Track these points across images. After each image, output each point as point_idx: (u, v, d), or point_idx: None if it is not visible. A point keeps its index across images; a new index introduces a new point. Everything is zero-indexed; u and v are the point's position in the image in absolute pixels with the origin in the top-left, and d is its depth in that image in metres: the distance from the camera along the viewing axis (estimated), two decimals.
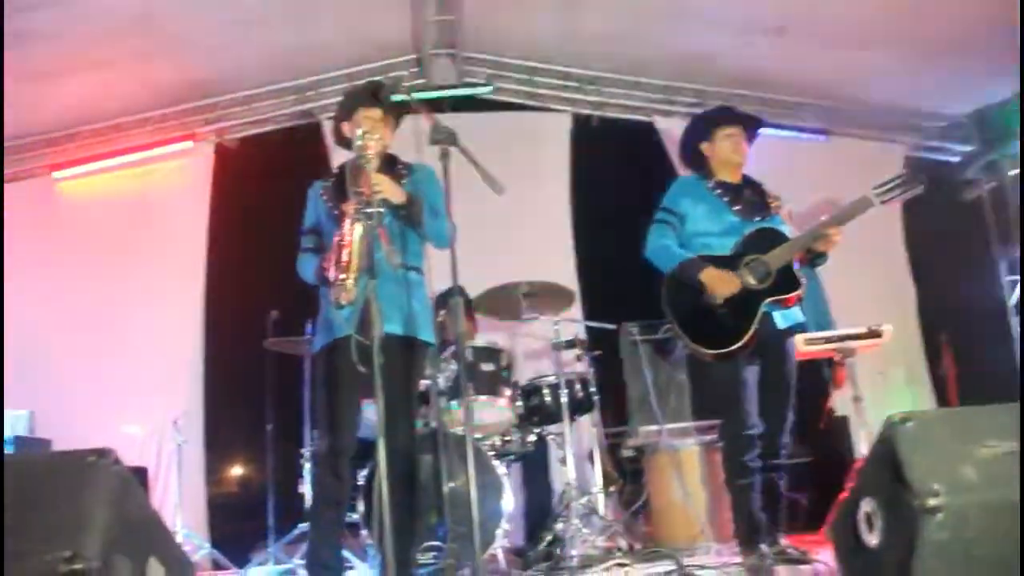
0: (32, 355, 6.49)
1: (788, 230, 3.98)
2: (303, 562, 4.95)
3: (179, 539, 5.23)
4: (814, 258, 3.98)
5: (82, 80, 6.17)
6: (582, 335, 5.65)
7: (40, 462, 2.40)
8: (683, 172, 4.67)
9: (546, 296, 5.04)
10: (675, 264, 3.93)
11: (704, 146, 4.16)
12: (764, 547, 3.68)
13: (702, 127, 4.21)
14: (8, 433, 5.53)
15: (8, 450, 5.27)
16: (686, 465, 5.17)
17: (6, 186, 7.01)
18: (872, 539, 2.22)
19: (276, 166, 6.93)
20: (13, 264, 6.76)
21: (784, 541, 3.82)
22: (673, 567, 2.47)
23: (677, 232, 4.05)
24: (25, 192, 7.01)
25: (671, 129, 6.74)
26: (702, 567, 2.57)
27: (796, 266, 3.88)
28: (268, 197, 6.84)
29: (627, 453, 5.84)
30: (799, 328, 3.97)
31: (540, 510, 5.17)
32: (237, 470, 10.46)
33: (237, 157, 6.99)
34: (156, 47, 5.91)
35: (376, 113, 3.60)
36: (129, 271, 6.67)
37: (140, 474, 5.58)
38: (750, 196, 4.08)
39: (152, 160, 6.90)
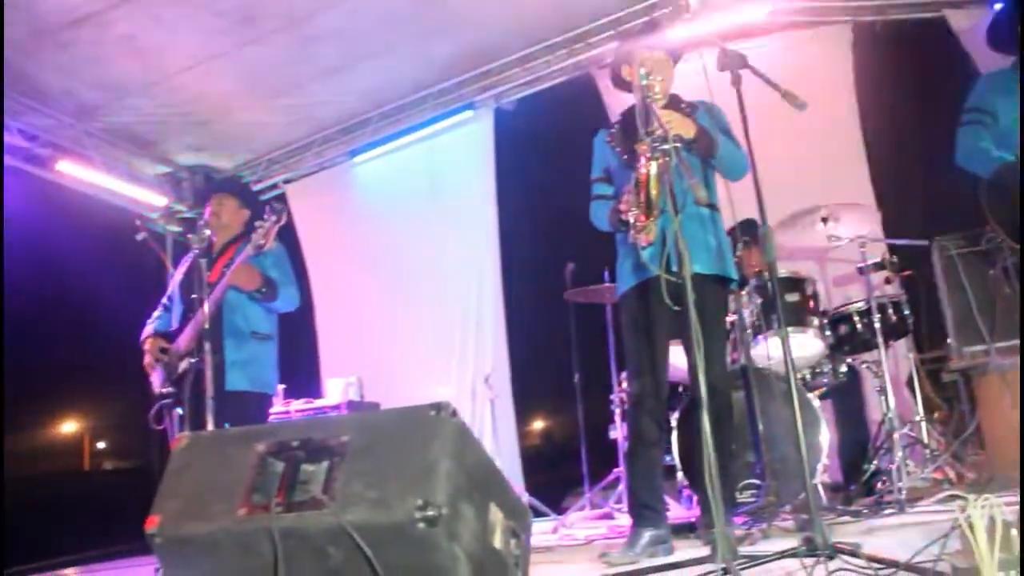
0: (356, 327, 7.15)
1: None
2: (618, 506, 5.09)
3: None
4: None
5: (367, 69, 6.61)
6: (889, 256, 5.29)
7: (388, 418, 2.57)
8: (986, 69, 4.24)
9: (847, 217, 4.77)
10: (995, 168, 3.58)
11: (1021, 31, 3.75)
12: None
13: (1019, 9, 3.79)
14: (341, 398, 6.08)
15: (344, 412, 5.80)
16: None
17: (313, 176, 7.71)
18: None
19: (554, 122, 7.03)
20: (326, 246, 7.42)
21: None
22: None
23: (991, 132, 3.69)
24: (331, 180, 7.69)
25: (967, 23, 6.07)
26: None
27: None
28: (550, 153, 7.02)
29: (949, 377, 5.41)
30: None
31: (856, 443, 4.93)
32: (548, 420, 10.85)
33: (516, 118, 7.17)
34: (432, 25, 6.18)
35: (657, 53, 3.55)
36: (427, 242, 7.11)
37: None
38: None
39: (436, 133, 7.25)
